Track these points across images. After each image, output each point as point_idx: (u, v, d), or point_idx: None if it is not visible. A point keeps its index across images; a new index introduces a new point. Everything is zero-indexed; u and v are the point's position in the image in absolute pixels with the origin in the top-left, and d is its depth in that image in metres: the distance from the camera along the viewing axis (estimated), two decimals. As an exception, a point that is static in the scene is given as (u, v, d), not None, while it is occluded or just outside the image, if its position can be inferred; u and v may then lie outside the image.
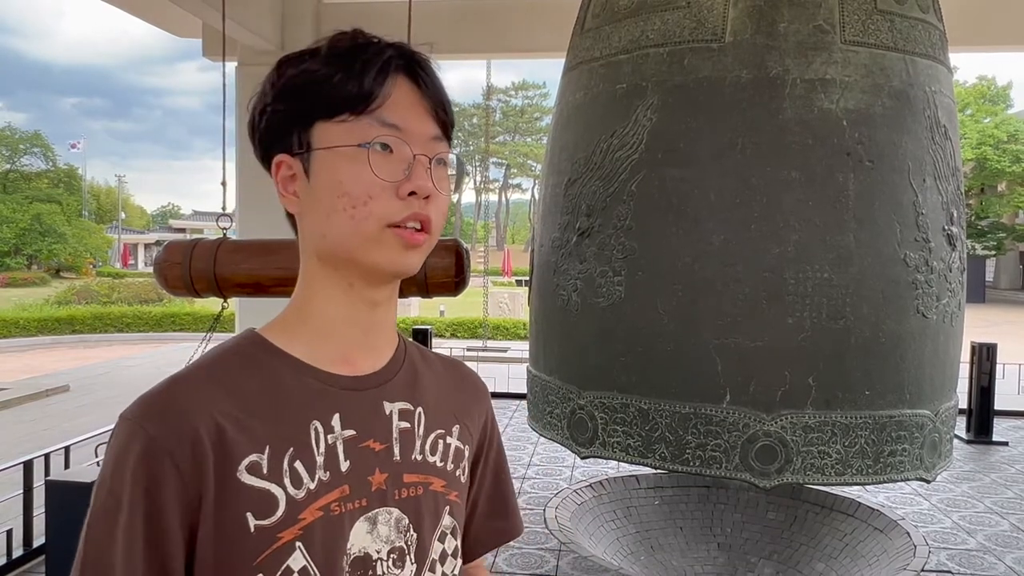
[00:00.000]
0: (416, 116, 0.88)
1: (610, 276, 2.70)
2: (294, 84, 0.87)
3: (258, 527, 0.80)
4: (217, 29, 7.20)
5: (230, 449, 0.80)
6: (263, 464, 0.81)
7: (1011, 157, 31.96)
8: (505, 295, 23.19)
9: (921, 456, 2.63)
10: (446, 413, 0.99)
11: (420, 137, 0.87)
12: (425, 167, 0.87)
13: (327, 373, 0.89)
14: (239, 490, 0.80)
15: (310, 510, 0.83)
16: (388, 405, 0.92)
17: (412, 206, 0.86)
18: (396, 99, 0.87)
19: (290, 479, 0.82)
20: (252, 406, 0.84)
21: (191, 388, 0.83)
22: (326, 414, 0.87)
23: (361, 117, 0.85)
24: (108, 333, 20.07)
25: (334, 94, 0.85)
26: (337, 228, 0.86)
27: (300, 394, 0.87)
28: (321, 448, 0.85)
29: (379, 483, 0.89)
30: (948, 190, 2.68)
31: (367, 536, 0.87)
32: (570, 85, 3.07)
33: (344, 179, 0.85)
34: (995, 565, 4.62)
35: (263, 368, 0.87)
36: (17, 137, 49.07)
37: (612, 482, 4.35)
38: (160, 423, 0.79)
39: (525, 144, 61.92)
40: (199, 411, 0.81)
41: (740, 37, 2.57)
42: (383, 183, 0.85)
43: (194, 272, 3.10)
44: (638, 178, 2.65)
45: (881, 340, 2.52)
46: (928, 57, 2.68)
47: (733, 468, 2.50)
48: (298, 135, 0.88)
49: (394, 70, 0.87)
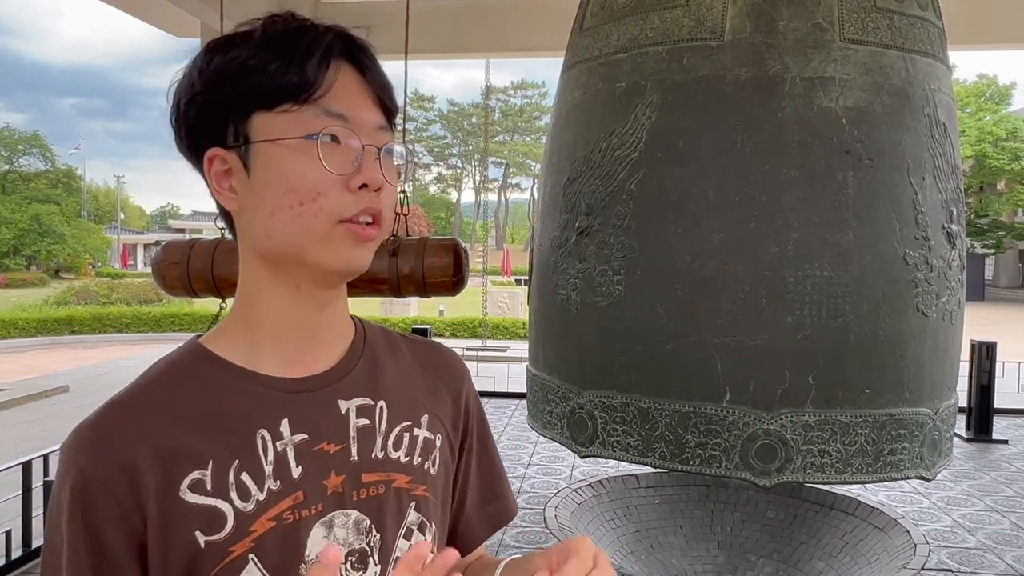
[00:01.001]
0: (361, 104, 0.84)
1: (609, 275, 2.70)
2: (226, 71, 0.81)
3: (208, 543, 0.78)
4: (215, 29, 7.19)
5: (170, 470, 0.78)
6: (207, 480, 0.79)
7: (1010, 155, 31.96)
8: (504, 294, 23.18)
9: (921, 454, 2.62)
10: (413, 403, 0.95)
11: (367, 126, 0.83)
12: (374, 157, 0.83)
13: (273, 378, 0.86)
14: (184, 510, 0.78)
15: (261, 521, 0.80)
16: (344, 403, 0.88)
17: (364, 200, 0.82)
18: (340, 87, 0.82)
19: (237, 492, 0.80)
20: (192, 422, 0.81)
21: (125, 414, 0.81)
22: (273, 420, 0.84)
23: (305, 107, 0.80)
24: (107, 333, 20.06)
25: (273, 82, 0.80)
26: (283, 227, 0.82)
27: (244, 403, 0.84)
28: (269, 457, 0.82)
29: (335, 486, 0.86)
30: (948, 188, 2.68)
31: (324, 541, 0.84)
32: (569, 84, 3.06)
33: (290, 174, 0.80)
34: (995, 563, 4.62)
35: (204, 380, 0.84)
36: (16, 138, 49.06)
37: (612, 481, 4.35)
38: (92, 455, 0.78)
39: (524, 143, 61.94)
40: (133, 438, 0.78)
41: (739, 35, 2.56)
42: (333, 177, 0.80)
43: (192, 272, 3.10)
44: (637, 177, 2.65)
45: (881, 338, 2.51)
46: (927, 55, 2.67)
47: (733, 467, 2.50)
48: (234, 127, 0.82)
49: (336, 56, 0.82)
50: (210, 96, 0.82)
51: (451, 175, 67.12)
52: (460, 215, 68.38)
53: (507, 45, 8.74)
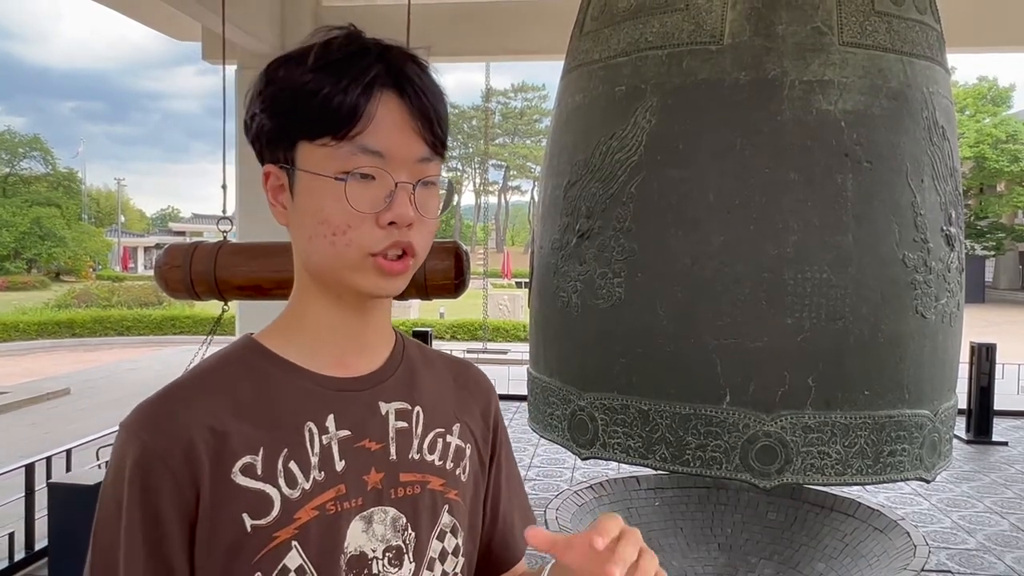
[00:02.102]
0: (402, 138, 0.84)
1: (610, 277, 2.71)
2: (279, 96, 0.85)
3: (255, 527, 0.82)
4: (216, 32, 7.21)
5: (224, 452, 0.82)
6: (257, 465, 0.83)
7: (1009, 157, 31.96)
8: (505, 297, 23.20)
9: (921, 456, 2.63)
10: (446, 412, 0.99)
11: (405, 162, 0.84)
12: (408, 194, 0.84)
13: (321, 375, 0.90)
14: (234, 491, 0.82)
15: (305, 509, 0.84)
16: (384, 405, 0.93)
17: (392, 235, 0.84)
18: (380, 120, 0.82)
19: (284, 479, 0.84)
20: (246, 410, 0.85)
21: (186, 396, 0.85)
22: (320, 415, 0.88)
23: (343, 143, 0.82)
24: (108, 336, 20.08)
25: (314, 116, 0.82)
26: (319, 252, 0.86)
27: (294, 397, 0.88)
28: (315, 449, 0.86)
29: (375, 482, 0.89)
30: (946, 190, 2.69)
31: (363, 535, 0.87)
32: (569, 87, 3.07)
33: (323, 206, 0.84)
34: (995, 564, 4.62)
35: (258, 373, 0.88)
36: (16, 141, 49.12)
37: (613, 483, 4.36)
38: (154, 431, 0.82)
39: (524, 146, 61.97)
40: (193, 418, 0.82)
41: (738, 39, 2.58)
42: (362, 214, 0.83)
43: (194, 275, 3.11)
44: (637, 180, 2.66)
45: (880, 340, 2.52)
46: (926, 58, 2.69)
47: (733, 469, 2.51)
48: (283, 151, 0.86)
49: (380, 87, 0.83)
50: (265, 120, 0.87)
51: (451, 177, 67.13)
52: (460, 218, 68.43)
53: (507, 48, 8.76)
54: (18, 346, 18.73)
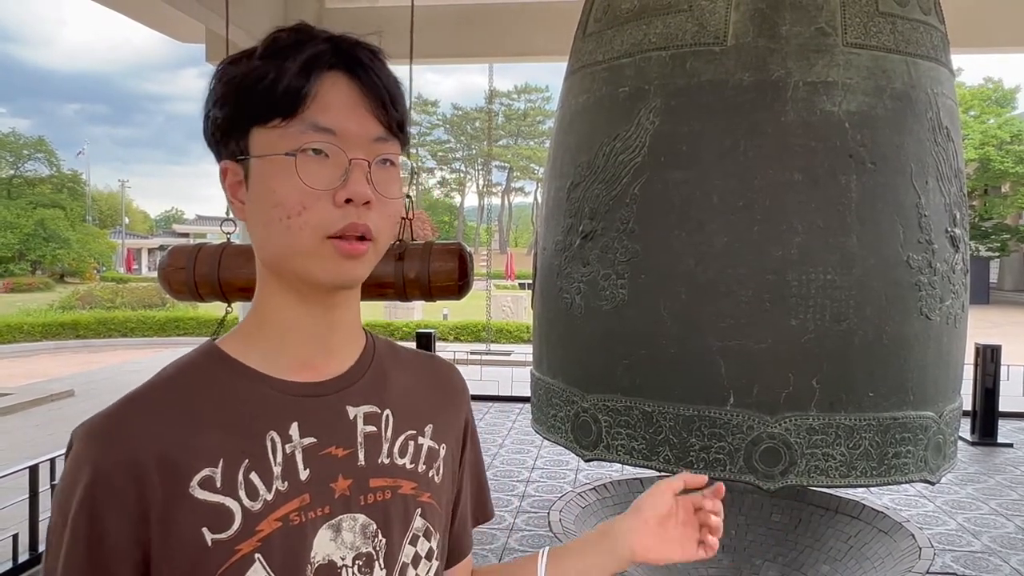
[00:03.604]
0: (354, 117, 0.83)
1: (613, 279, 2.70)
2: (228, 88, 0.84)
3: (215, 541, 0.80)
4: (220, 34, 7.22)
5: (180, 467, 0.80)
6: (216, 478, 0.81)
7: (1015, 158, 31.89)
8: (508, 298, 23.20)
9: (925, 458, 2.62)
10: (417, 413, 0.97)
11: (359, 139, 0.83)
12: (364, 172, 0.82)
13: (284, 381, 0.87)
14: (193, 506, 0.80)
15: (268, 521, 0.82)
16: (352, 409, 0.90)
17: (349, 215, 0.82)
18: (330, 99, 0.82)
19: (245, 491, 0.82)
20: (205, 421, 0.83)
21: (138, 410, 0.83)
22: (283, 423, 0.85)
23: (292, 122, 0.81)
24: (112, 338, 20.11)
25: (263, 99, 0.82)
26: (275, 239, 0.84)
27: (255, 405, 0.85)
28: (278, 458, 0.84)
29: (343, 489, 0.87)
30: (951, 192, 2.68)
31: (331, 544, 0.85)
32: (572, 88, 3.07)
33: (277, 188, 0.82)
34: (1000, 567, 4.61)
35: (218, 381, 0.86)
36: (21, 143, 49.30)
37: (616, 485, 4.35)
38: (101, 448, 0.80)
39: (528, 147, 62.02)
40: (144, 434, 0.80)
41: (742, 40, 2.57)
42: (317, 192, 0.81)
43: (198, 277, 3.12)
44: (641, 181, 2.66)
45: (884, 342, 2.52)
46: (930, 59, 2.68)
47: (737, 470, 2.50)
48: (236, 141, 0.85)
49: (328, 67, 0.82)
50: (217, 113, 0.85)
51: (455, 179, 67.20)
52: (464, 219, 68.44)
53: (510, 50, 8.75)
54: (22, 348, 18.77)
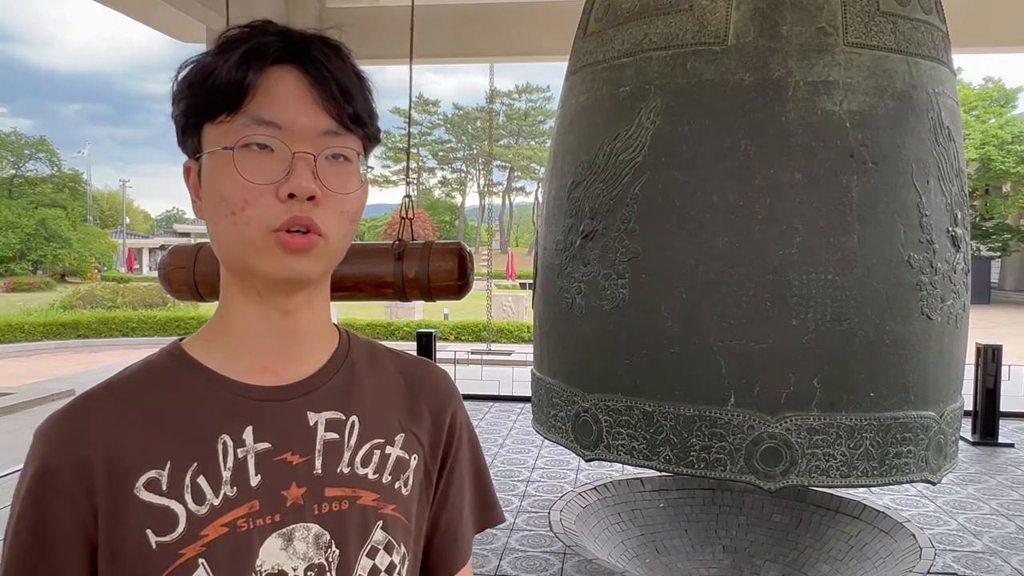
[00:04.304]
0: (300, 110, 0.81)
1: (614, 279, 2.70)
2: (181, 85, 0.84)
3: (159, 543, 0.79)
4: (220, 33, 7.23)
5: (126, 467, 0.79)
6: (163, 480, 0.80)
7: (1016, 158, 31.86)
8: (509, 298, 23.19)
9: (926, 458, 2.62)
10: (388, 421, 0.93)
11: (305, 133, 0.81)
12: (310, 166, 0.80)
13: (242, 384, 0.86)
14: (137, 507, 0.79)
15: (213, 526, 0.80)
16: (313, 415, 0.87)
17: (291, 209, 0.80)
18: (275, 93, 0.81)
19: (191, 495, 0.80)
20: (156, 422, 0.82)
21: (92, 409, 0.83)
22: (237, 427, 0.84)
23: (236, 116, 0.80)
24: (113, 337, 20.12)
25: (209, 95, 0.81)
26: (223, 236, 0.83)
27: (210, 407, 0.84)
28: (229, 463, 0.82)
29: (295, 498, 0.85)
30: (952, 191, 2.68)
31: (281, 553, 0.83)
32: (573, 88, 3.07)
33: (219, 183, 0.81)
34: (1001, 567, 4.60)
35: (176, 381, 0.85)
36: (22, 143, 49.33)
37: (617, 485, 4.35)
38: (53, 446, 0.80)
39: (528, 147, 62.01)
40: (95, 432, 0.80)
41: (743, 40, 2.57)
42: (258, 186, 0.79)
43: (198, 276, 3.11)
44: (641, 181, 2.66)
45: (885, 342, 2.51)
46: (931, 58, 2.68)
47: (738, 470, 2.50)
48: (191, 139, 0.85)
49: (275, 61, 0.81)
50: (175, 111, 0.85)
51: (455, 179, 67.25)
52: (464, 219, 68.46)
53: (511, 49, 8.75)
54: (23, 347, 18.78)
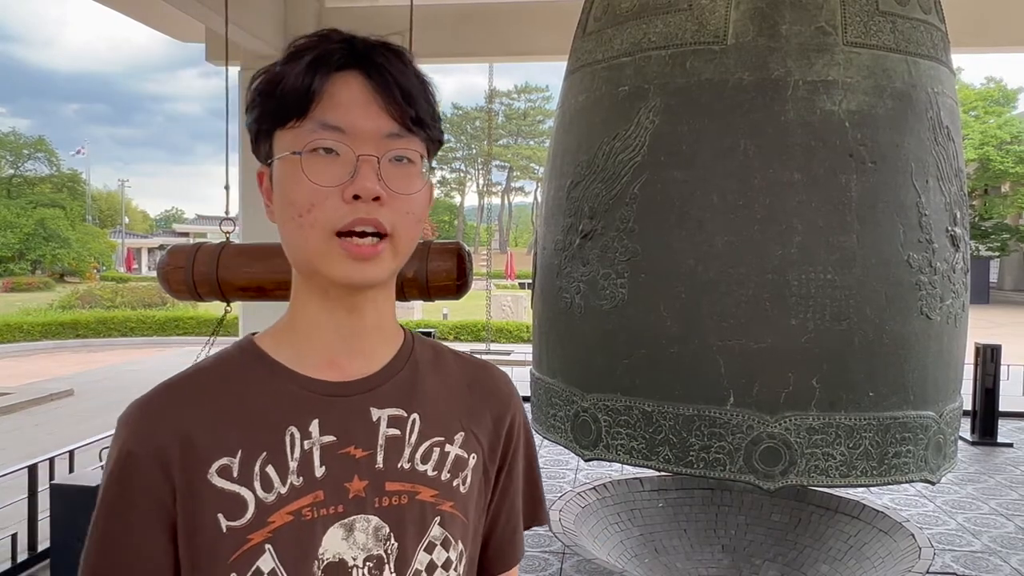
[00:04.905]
0: (364, 114, 0.84)
1: (613, 278, 2.70)
2: (253, 95, 0.87)
3: (229, 528, 0.83)
4: (220, 34, 7.22)
5: (200, 454, 0.84)
6: (234, 468, 0.84)
7: (1015, 158, 31.86)
8: (508, 298, 23.17)
9: (926, 457, 2.62)
10: (449, 420, 0.96)
11: (369, 136, 0.84)
12: (374, 168, 0.83)
13: (310, 379, 0.89)
14: (210, 492, 0.83)
15: (280, 514, 0.84)
16: (376, 411, 0.90)
17: (357, 210, 0.82)
18: (340, 98, 0.83)
19: (260, 483, 0.84)
20: (229, 412, 0.86)
21: (170, 397, 0.87)
22: (304, 420, 0.87)
23: (304, 122, 0.83)
24: (112, 337, 20.08)
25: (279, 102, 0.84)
26: (290, 238, 0.86)
27: (279, 400, 0.88)
28: (295, 453, 0.86)
29: (357, 490, 0.87)
30: (951, 191, 2.68)
31: (342, 542, 0.86)
32: (572, 88, 3.07)
33: (288, 187, 0.84)
34: (1000, 567, 4.60)
35: (248, 375, 0.89)
36: (21, 142, 49.27)
37: (616, 484, 4.35)
38: (134, 432, 0.85)
39: (528, 147, 61.96)
40: (172, 420, 0.85)
41: (742, 39, 2.57)
42: (325, 189, 0.82)
43: (197, 276, 3.11)
44: (640, 180, 2.65)
45: (885, 341, 2.51)
46: (930, 58, 2.68)
47: (737, 470, 2.50)
48: (264, 145, 0.88)
49: (339, 67, 0.84)
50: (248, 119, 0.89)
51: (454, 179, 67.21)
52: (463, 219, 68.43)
53: (510, 49, 8.75)
54: (22, 347, 18.74)
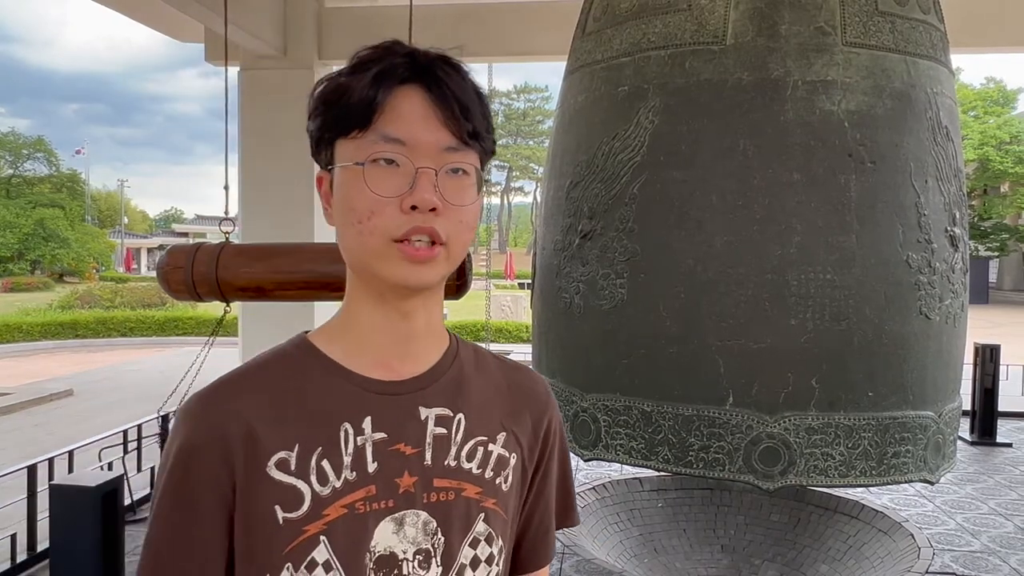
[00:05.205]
0: (424, 127, 0.87)
1: (612, 278, 2.70)
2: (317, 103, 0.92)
3: (286, 519, 0.86)
4: (219, 34, 7.21)
5: (260, 447, 0.87)
6: (291, 461, 0.87)
7: (1014, 158, 31.87)
8: (508, 298, 23.16)
9: (925, 458, 2.62)
10: (491, 420, 1.00)
11: (428, 149, 0.87)
12: (431, 180, 0.86)
13: (363, 377, 0.93)
14: (268, 484, 0.86)
15: (334, 507, 0.87)
16: (424, 410, 0.94)
17: (414, 220, 0.86)
18: (402, 111, 0.87)
19: (316, 476, 0.88)
20: (287, 407, 0.90)
21: (231, 391, 0.91)
22: (358, 416, 0.91)
23: (367, 133, 0.87)
24: (111, 337, 20.06)
25: (343, 112, 0.88)
26: (349, 242, 0.90)
27: (334, 397, 0.91)
28: (349, 449, 0.89)
29: (407, 486, 0.91)
30: (950, 191, 2.68)
31: (393, 536, 0.90)
32: (572, 88, 3.07)
33: (349, 195, 0.88)
34: (999, 567, 4.61)
35: (303, 371, 0.93)
36: (20, 142, 49.23)
37: (615, 484, 4.35)
38: (197, 423, 0.88)
39: (527, 147, 61.96)
40: (234, 413, 0.88)
41: (741, 39, 2.57)
42: (384, 199, 0.86)
43: (196, 276, 3.11)
44: (640, 180, 2.65)
45: (884, 341, 2.51)
46: (929, 58, 2.68)
47: (736, 470, 2.50)
48: (325, 152, 0.92)
49: (402, 81, 0.87)
50: (311, 126, 0.93)
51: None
52: (463, 219, 68.23)
53: (510, 49, 8.76)
54: (21, 347, 18.72)
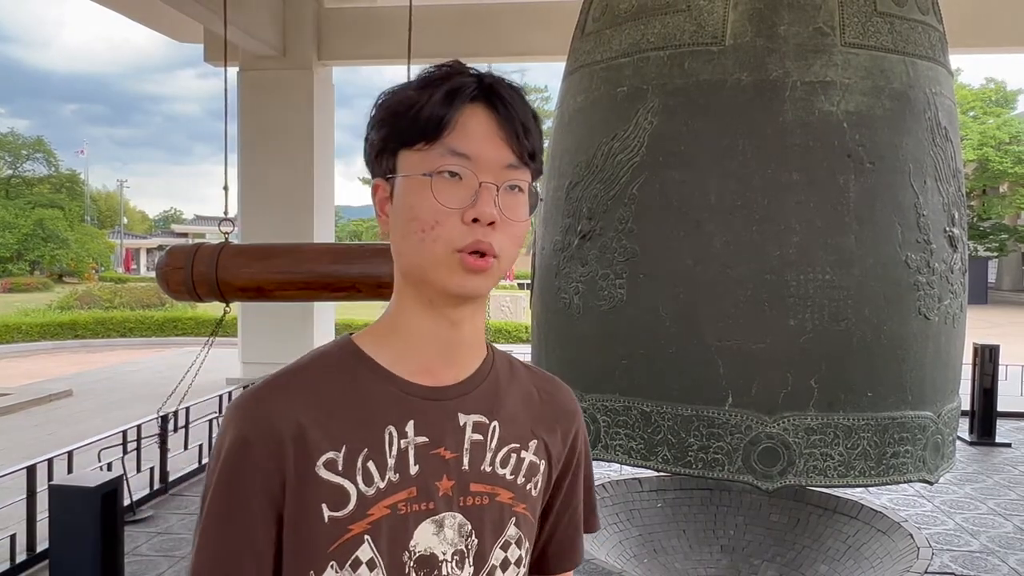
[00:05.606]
0: (489, 144, 0.92)
1: (611, 279, 2.70)
2: (383, 114, 0.95)
3: (332, 518, 0.89)
4: (218, 34, 7.21)
5: (310, 446, 0.90)
6: (339, 461, 0.90)
7: (1013, 158, 31.89)
8: (507, 298, 23.16)
9: (924, 458, 2.62)
10: (523, 428, 1.03)
11: (491, 165, 0.91)
12: (492, 195, 0.91)
13: (408, 382, 0.96)
14: (316, 483, 0.89)
15: (378, 507, 0.90)
16: (463, 417, 0.97)
17: (475, 232, 0.90)
18: (469, 128, 0.91)
19: (362, 477, 0.91)
20: (334, 408, 0.92)
21: (280, 391, 0.93)
22: (401, 420, 0.94)
23: (433, 146, 0.91)
24: (111, 338, 20.06)
25: (410, 125, 0.92)
26: (409, 249, 0.93)
27: (380, 400, 0.94)
28: (393, 451, 0.92)
29: (446, 489, 0.95)
30: (949, 191, 2.68)
31: (433, 537, 0.93)
32: (571, 88, 3.07)
33: (414, 204, 0.91)
34: (998, 567, 4.61)
35: (350, 373, 0.95)
36: (19, 143, 49.21)
37: (614, 485, 4.35)
38: (247, 422, 0.90)
39: (526, 147, 61.97)
40: (284, 412, 0.90)
41: (740, 40, 2.57)
42: (448, 210, 0.90)
43: (196, 276, 3.11)
44: (639, 181, 2.66)
45: (883, 342, 2.52)
46: (928, 59, 2.68)
47: (735, 470, 2.50)
48: (387, 161, 0.96)
49: (470, 99, 0.92)
50: (373, 135, 0.97)
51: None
52: (462, 219, 68.35)
53: (509, 50, 8.77)
54: (21, 347, 18.71)
